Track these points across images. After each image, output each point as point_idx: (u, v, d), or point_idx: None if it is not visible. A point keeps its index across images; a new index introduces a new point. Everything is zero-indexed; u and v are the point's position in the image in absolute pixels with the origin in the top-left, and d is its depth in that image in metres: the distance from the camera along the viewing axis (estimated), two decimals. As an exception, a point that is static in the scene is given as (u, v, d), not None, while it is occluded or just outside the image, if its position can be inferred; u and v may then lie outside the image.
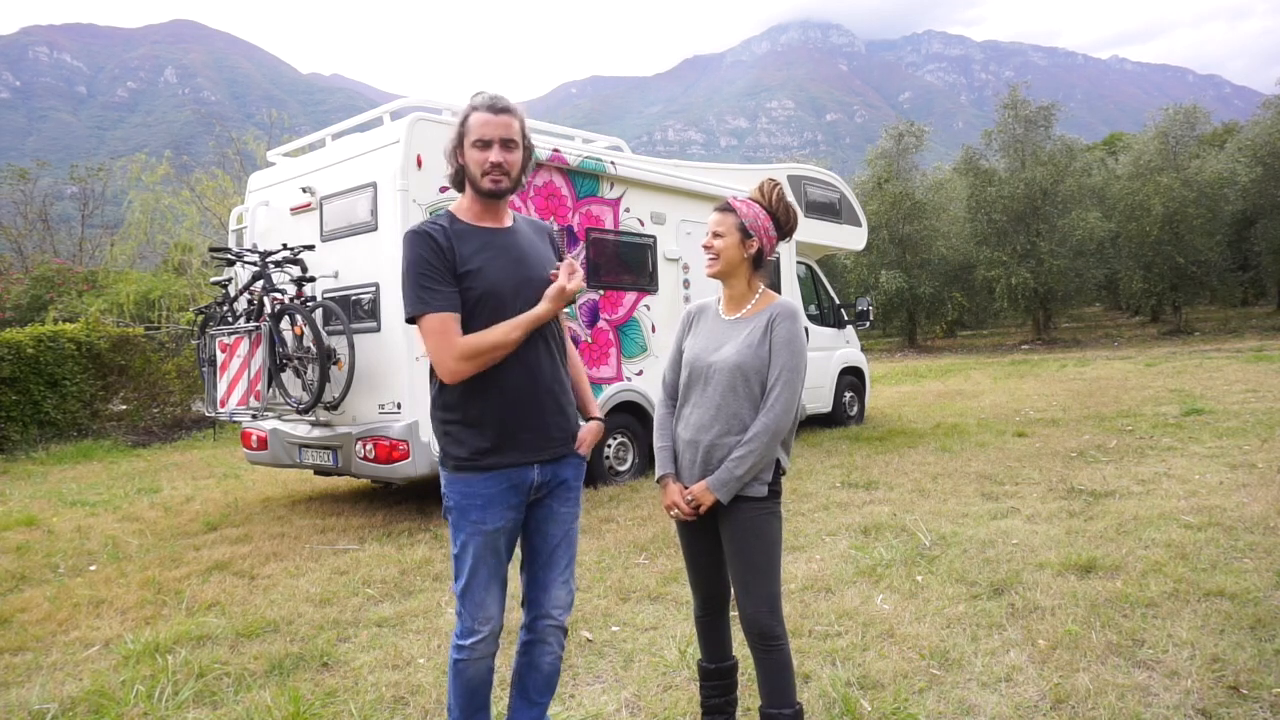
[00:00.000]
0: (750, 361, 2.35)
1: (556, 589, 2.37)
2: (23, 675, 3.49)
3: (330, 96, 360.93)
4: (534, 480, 2.28)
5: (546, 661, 2.39)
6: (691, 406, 2.45)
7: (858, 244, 11.10)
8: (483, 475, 2.22)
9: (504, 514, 2.24)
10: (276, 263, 6.24)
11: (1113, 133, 49.64)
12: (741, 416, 2.35)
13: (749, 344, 2.37)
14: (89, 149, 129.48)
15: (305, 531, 5.91)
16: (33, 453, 10.65)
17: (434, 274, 2.17)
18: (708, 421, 2.38)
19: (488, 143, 2.22)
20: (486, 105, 2.24)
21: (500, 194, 2.27)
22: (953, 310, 31.05)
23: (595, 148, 7.56)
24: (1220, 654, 3.05)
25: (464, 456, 2.23)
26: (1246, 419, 8.72)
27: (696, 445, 2.40)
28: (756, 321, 2.42)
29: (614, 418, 7.19)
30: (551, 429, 2.30)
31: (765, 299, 2.48)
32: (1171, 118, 27.45)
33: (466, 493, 2.23)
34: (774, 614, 2.34)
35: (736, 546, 2.36)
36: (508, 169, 2.24)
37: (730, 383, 2.36)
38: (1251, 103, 40.36)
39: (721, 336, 2.45)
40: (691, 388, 2.46)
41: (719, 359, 2.39)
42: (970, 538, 4.80)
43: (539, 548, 2.36)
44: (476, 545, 2.23)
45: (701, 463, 2.39)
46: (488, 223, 2.31)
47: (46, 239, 25.36)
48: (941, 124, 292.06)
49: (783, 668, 2.36)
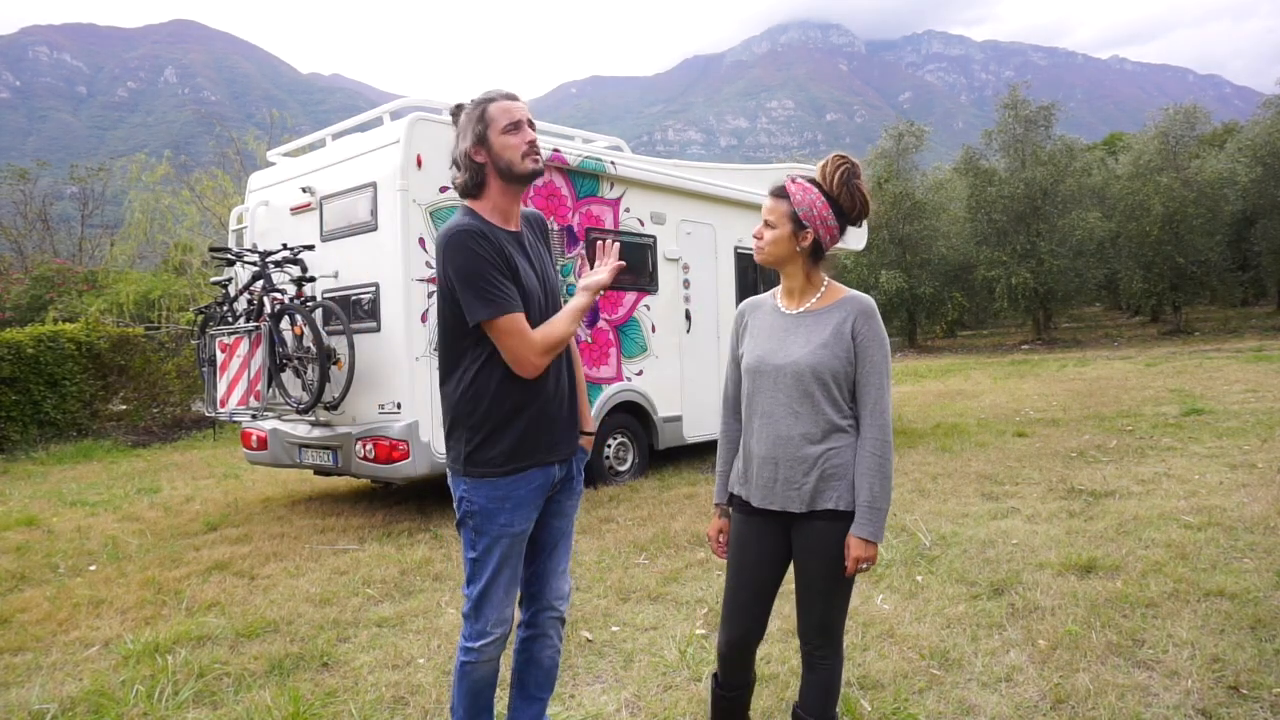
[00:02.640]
0: (826, 362, 2.10)
1: (557, 580, 2.40)
2: (23, 675, 3.48)
3: (330, 96, 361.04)
4: (557, 477, 2.30)
5: (547, 655, 2.40)
6: (762, 418, 2.17)
7: (858, 244, 11.09)
8: (512, 477, 2.19)
9: (530, 515, 2.25)
10: (276, 263, 6.24)
11: (1113, 133, 49.61)
12: (821, 424, 2.11)
13: (821, 343, 2.11)
14: (89, 149, 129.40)
15: (305, 531, 5.91)
16: (33, 453, 10.66)
17: (499, 273, 2.13)
18: (784, 433, 2.13)
19: (518, 124, 2.20)
20: (503, 95, 2.24)
21: (540, 173, 2.26)
22: (953, 310, 31.05)
23: (595, 148, 7.56)
24: (1220, 654, 3.05)
25: (496, 459, 2.18)
26: (1246, 419, 8.72)
27: (776, 462, 2.14)
28: (827, 317, 2.14)
29: (614, 418, 7.19)
30: (572, 425, 2.34)
31: (832, 292, 2.19)
32: (1171, 118, 27.43)
33: (494, 495, 2.19)
34: (831, 633, 2.18)
35: (820, 561, 2.13)
36: (538, 146, 2.25)
37: (803, 387, 2.11)
38: (1251, 103, 40.33)
39: (785, 335, 2.18)
40: (758, 395, 2.18)
41: (787, 360, 2.13)
42: (970, 538, 4.80)
43: (544, 542, 2.37)
44: (503, 548, 2.20)
45: (785, 480, 2.13)
46: (511, 226, 2.27)
47: (46, 239, 25.36)
48: (941, 124, 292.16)
49: (829, 683, 2.20)
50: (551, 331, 2.19)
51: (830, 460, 2.10)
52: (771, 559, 2.22)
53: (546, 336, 2.17)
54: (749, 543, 2.23)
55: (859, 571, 2.11)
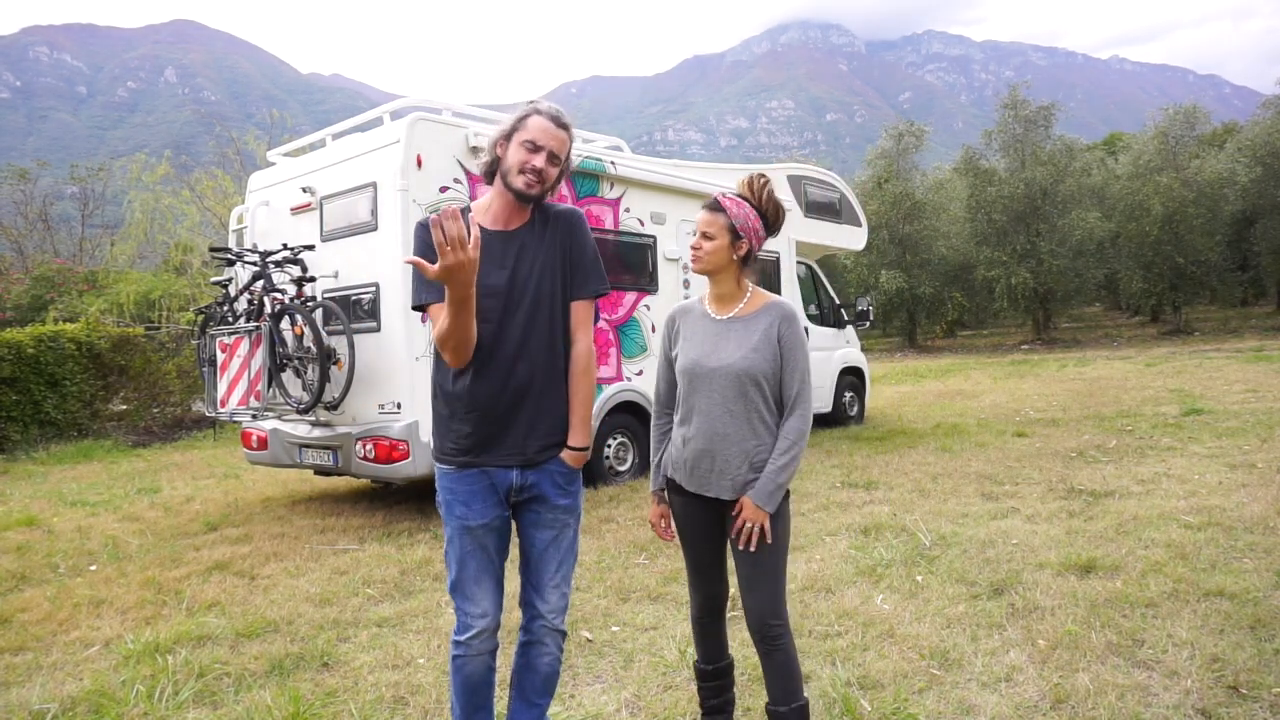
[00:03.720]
0: (758, 365, 2.31)
1: (549, 593, 2.35)
2: (23, 675, 3.49)
3: (330, 96, 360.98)
4: (514, 483, 2.27)
5: (544, 663, 2.38)
6: (700, 415, 2.36)
7: (858, 244, 11.09)
8: (460, 472, 2.26)
9: (486, 511, 2.25)
10: (276, 263, 6.24)
11: (1113, 133, 49.62)
12: (754, 421, 2.32)
13: (752, 347, 2.33)
14: (89, 149, 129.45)
15: (305, 531, 5.91)
16: (33, 453, 10.65)
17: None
18: (721, 430, 2.32)
19: (539, 147, 2.25)
20: (551, 115, 2.29)
21: (529, 198, 2.27)
22: (953, 310, 31.06)
23: (595, 148, 7.56)
24: (1220, 654, 3.05)
25: (445, 451, 2.28)
26: (1246, 419, 8.72)
27: (712, 455, 2.34)
28: (755, 323, 2.37)
29: (614, 418, 7.19)
30: (530, 435, 2.26)
31: (757, 298, 2.42)
32: (1171, 118, 27.45)
33: (446, 486, 2.28)
34: (778, 613, 2.33)
35: (745, 546, 2.33)
36: (545, 178, 2.27)
37: (739, 387, 2.31)
38: (1251, 103, 40.35)
39: (717, 339, 2.38)
40: (694, 395, 2.38)
41: (722, 363, 2.33)
42: (970, 538, 4.80)
43: (527, 551, 2.36)
44: (464, 540, 2.26)
45: (720, 471, 2.34)
46: (499, 226, 2.30)
47: (46, 239, 25.36)
48: (941, 124, 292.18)
49: (788, 665, 2.34)
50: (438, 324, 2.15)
51: (760, 454, 2.34)
52: (717, 531, 2.46)
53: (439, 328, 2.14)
54: (693, 517, 2.46)
55: (747, 534, 2.30)
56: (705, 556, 2.49)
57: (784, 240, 9.44)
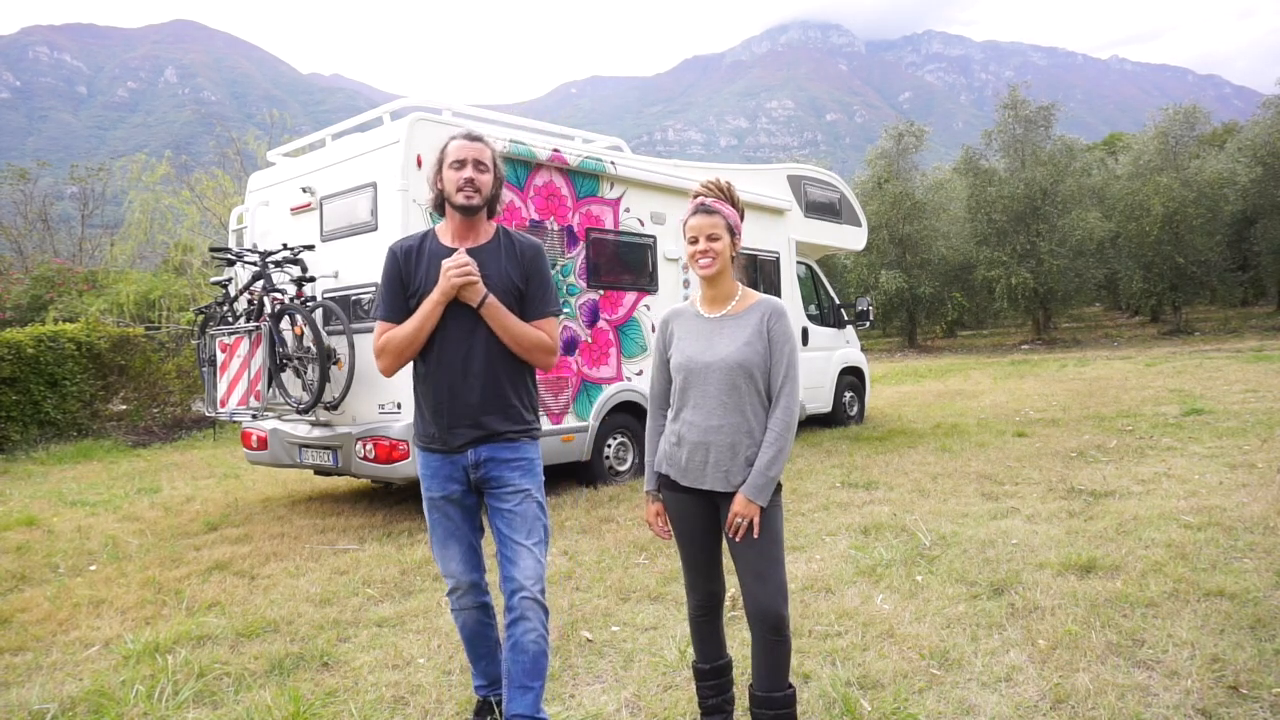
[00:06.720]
0: (750, 358, 2.39)
1: (523, 559, 2.52)
2: (23, 675, 3.49)
3: (330, 96, 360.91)
4: (469, 460, 2.57)
5: (529, 640, 2.47)
6: (693, 409, 2.44)
7: (858, 244, 11.09)
8: (426, 453, 2.63)
9: (445, 485, 2.60)
10: (276, 263, 6.24)
11: (1113, 133, 49.63)
12: (746, 413, 2.39)
13: (745, 341, 2.40)
14: (89, 149, 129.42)
15: (305, 531, 5.91)
16: (33, 453, 10.65)
17: (391, 286, 2.61)
18: (715, 422, 2.39)
19: (463, 163, 2.55)
20: (464, 134, 2.61)
21: (472, 209, 2.57)
22: (953, 310, 31.07)
23: (595, 148, 7.56)
24: (1220, 654, 3.05)
25: (417, 434, 2.69)
26: (1246, 419, 8.72)
27: (707, 447, 2.40)
28: (747, 319, 2.44)
29: (614, 418, 7.20)
30: (479, 419, 2.55)
31: (748, 297, 2.51)
32: (1171, 118, 27.45)
33: (420, 464, 2.68)
34: (786, 602, 2.39)
35: (747, 539, 2.37)
36: (479, 186, 2.56)
37: (732, 381, 2.38)
38: (1251, 103, 40.33)
39: (711, 335, 2.46)
40: (689, 390, 2.45)
41: (717, 357, 2.41)
42: (970, 538, 4.80)
43: (495, 523, 2.60)
44: (430, 511, 2.65)
45: (714, 464, 2.40)
46: (458, 243, 2.60)
47: (46, 239, 25.34)
48: (941, 124, 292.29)
49: (786, 655, 2.41)
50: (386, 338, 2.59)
51: (751, 448, 2.40)
52: (711, 526, 2.51)
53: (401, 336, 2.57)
54: (687, 512, 2.51)
55: (738, 528, 2.35)
56: (701, 553, 2.53)
57: (784, 240, 9.45)
